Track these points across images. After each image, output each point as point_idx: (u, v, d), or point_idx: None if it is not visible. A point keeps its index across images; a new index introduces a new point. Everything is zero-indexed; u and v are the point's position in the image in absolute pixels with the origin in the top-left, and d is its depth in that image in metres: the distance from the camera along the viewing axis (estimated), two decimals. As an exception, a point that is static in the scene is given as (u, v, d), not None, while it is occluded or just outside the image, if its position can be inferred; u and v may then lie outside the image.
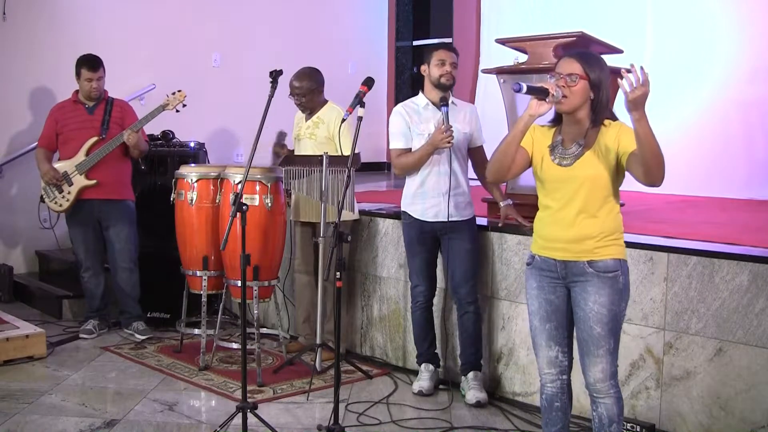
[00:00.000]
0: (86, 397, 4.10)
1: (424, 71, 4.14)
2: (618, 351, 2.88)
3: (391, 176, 8.36)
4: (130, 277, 5.18)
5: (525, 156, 2.92)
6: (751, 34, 6.08)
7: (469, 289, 4.08)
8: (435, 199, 4.04)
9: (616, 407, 2.86)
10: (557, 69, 2.84)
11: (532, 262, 2.97)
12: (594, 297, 2.80)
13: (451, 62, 4.07)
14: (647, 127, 2.58)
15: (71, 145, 5.05)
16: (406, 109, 4.15)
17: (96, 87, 5.07)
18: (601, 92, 2.80)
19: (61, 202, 5.05)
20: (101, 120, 5.09)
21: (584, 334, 2.84)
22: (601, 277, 2.80)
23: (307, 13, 7.88)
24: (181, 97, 5.01)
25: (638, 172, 2.71)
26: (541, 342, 2.96)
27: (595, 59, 2.86)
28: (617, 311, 2.82)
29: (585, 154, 2.82)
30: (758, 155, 6.07)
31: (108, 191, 5.08)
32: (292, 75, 4.72)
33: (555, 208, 2.87)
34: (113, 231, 5.13)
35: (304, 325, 4.90)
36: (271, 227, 4.52)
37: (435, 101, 4.09)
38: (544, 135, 2.94)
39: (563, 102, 2.80)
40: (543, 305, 2.93)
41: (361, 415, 3.88)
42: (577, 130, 2.86)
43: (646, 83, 2.54)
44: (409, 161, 4.06)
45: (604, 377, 2.84)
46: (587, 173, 2.80)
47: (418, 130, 4.08)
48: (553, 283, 2.90)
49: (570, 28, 4.49)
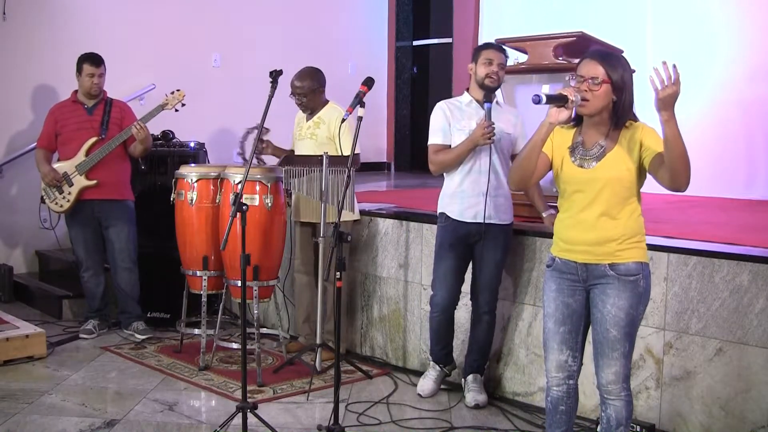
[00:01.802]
0: (86, 397, 4.10)
1: (471, 69, 3.99)
2: (632, 354, 2.85)
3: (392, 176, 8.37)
4: (130, 277, 5.18)
5: (545, 160, 2.88)
6: (751, 34, 6.08)
7: (489, 297, 4.01)
8: (474, 198, 3.90)
9: (626, 410, 2.84)
10: (579, 71, 2.77)
11: (552, 264, 2.92)
12: (613, 300, 2.76)
13: (498, 63, 3.91)
14: (676, 128, 2.52)
15: (71, 145, 5.05)
16: (448, 105, 4.02)
17: (96, 83, 5.08)
18: (624, 94, 2.74)
19: (61, 203, 5.05)
20: (100, 120, 5.09)
21: (600, 336, 2.81)
22: (622, 281, 2.76)
23: (307, 13, 7.88)
24: (180, 96, 5.01)
25: (663, 176, 2.65)
26: (553, 345, 2.91)
27: (617, 59, 2.79)
28: (635, 315, 2.79)
29: (607, 155, 2.77)
30: (758, 155, 6.08)
31: (108, 191, 5.08)
32: (294, 75, 4.71)
33: (576, 210, 2.82)
34: (113, 231, 5.13)
35: (304, 325, 4.90)
36: (271, 227, 4.52)
37: (479, 100, 3.96)
38: (564, 136, 2.88)
39: (585, 105, 2.74)
40: (560, 308, 2.89)
41: (361, 415, 3.88)
42: (598, 132, 2.80)
43: (678, 82, 2.48)
44: (447, 158, 3.92)
45: (617, 379, 2.81)
46: (609, 175, 2.75)
47: (458, 126, 3.94)
48: (572, 287, 2.86)
49: (570, 28, 4.49)
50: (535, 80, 4.38)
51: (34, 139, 6.16)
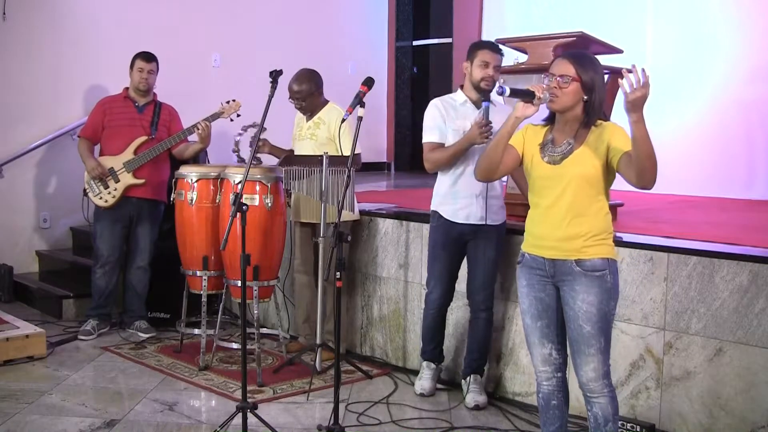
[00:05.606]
0: (86, 397, 4.10)
1: (466, 69, 3.96)
2: (609, 350, 2.89)
3: (392, 176, 8.37)
4: (143, 277, 5.22)
5: (515, 155, 2.95)
6: (751, 34, 6.08)
7: (485, 296, 4.02)
8: (467, 200, 3.92)
9: (611, 406, 2.88)
10: (551, 69, 2.86)
11: (522, 260, 2.99)
12: (582, 296, 2.82)
13: (494, 65, 3.88)
14: (644, 129, 2.59)
15: (117, 140, 5.09)
16: (443, 103, 4.01)
17: (146, 78, 5.13)
18: (594, 94, 2.82)
19: (106, 198, 5.07)
20: (150, 120, 5.15)
21: (574, 333, 2.86)
22: (589, 276, 2.81)
23: (307, 13, 7.88)
24: (237, 106, 5.02)
25: (630, 174, 2.72)
26: (534, 340, 2.98)
27: (589, 61, 2.88)
28: (606, 310, 2.84)
29: (574, 152, 2.83)
30: (758, 155, 6.08)
31: (151, 191, 5.13)
32: (290, 79, 4.69)
33: (544, 206, 2.89)
34: (142, 229, 5.17)
35: (304, 325, 4.90)
36: (271, 227, 4.52)
37: (474, 100, 3.95)
38: (536, 133, 2.96)
39: (554, 101, 2.83)
40: (534, 303, 2.95)
41: (361, 415, 3.88)
42: (568, 129, 2.88)
43: (647, 85, 2.55)
44: (442, 156, 3.91)
45: (597, 376, 2.85)
46: (576, 171, 2.82)
47: (453, 126, 3.93)
48: (542, 281, 2.92)
49: (570, 28, 4.50)
50: (535, 80, 4.37)
51: (35, 139, 6.18)
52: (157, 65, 5.21)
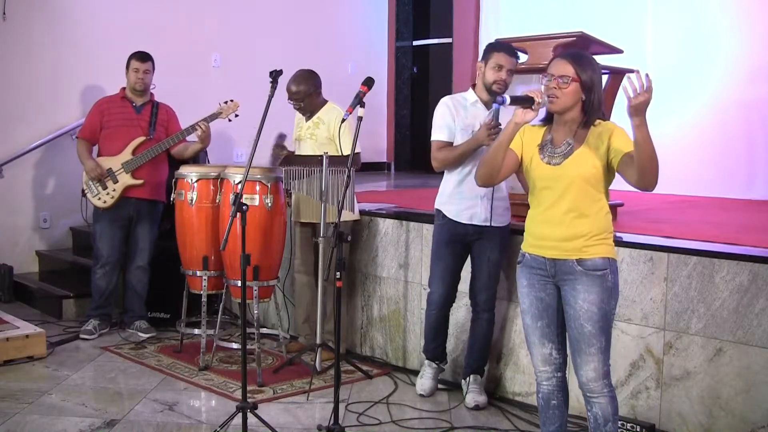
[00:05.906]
0: (86, 397, 4.10)
1: (480, 69, 3.92)
2: (609, 350, 2.89)
3: (392, 176, 8.37)
4: (143, 277, 5.22)
5: (514, 158, 2.95)
6: (751, 34, 6.08)
7: (488, 297, 4.01)
8: (471, 200, 3.90)
9: (611, 406, 2.88)
10: (549, 70, 2.86)
11: (522, 260, 2.99)
12: (583, 295, 2.82)
13: (508, 69, 3.84)
14: (647, 133, 2.61)
15: (115, 141, 5.09)
16: (453, 102, 3.98)
17: (141, 78, 5.12)
18: (592, 94, 2.83)
19: (105, 198, 5.07)
20: (148, 121, 5.15)
21: (575, 332, 2.86)
22: (590, 276, 2.82)
23: (307, 13, 7.88)
24: (235, 106, 5.02)
25: (631, 176, 2.73)
26: (534, 340, 2.98)
27: (588, 61, 2.88)
28: (607, 310, 2.84)
29: (574, 152, 2.84)
30: (758, 155, 6.08)
31: (149, 191, 5.13)
32: (288, 80, 4.67)
33: (545, 206, 2.89)
34: (141, 230, 5.17)
35: (304, 325, 4.90)
36: (271, 227, 4.52)
37: (485, 100, 3.92)
38: (534, 134, 2.96)
39: (554, 102, 2.83)
40: (534, 303, 2.95)
41: (361, 415, 3.88)
42: (567, 130, 2.88)
43: (650, 90, 2.56)
44: (450, 156, 3.88)
45: (597, 376, 2.85)
46: (576, 172, 2.82)
47: (462, 125, 3.91)
48: (543, 281, 2.93)
49: (570, 28, 4.49)
50: (535, 80, 4.38)
51: (34, 139, 6.18)
52: (153, 65, 5.20)
